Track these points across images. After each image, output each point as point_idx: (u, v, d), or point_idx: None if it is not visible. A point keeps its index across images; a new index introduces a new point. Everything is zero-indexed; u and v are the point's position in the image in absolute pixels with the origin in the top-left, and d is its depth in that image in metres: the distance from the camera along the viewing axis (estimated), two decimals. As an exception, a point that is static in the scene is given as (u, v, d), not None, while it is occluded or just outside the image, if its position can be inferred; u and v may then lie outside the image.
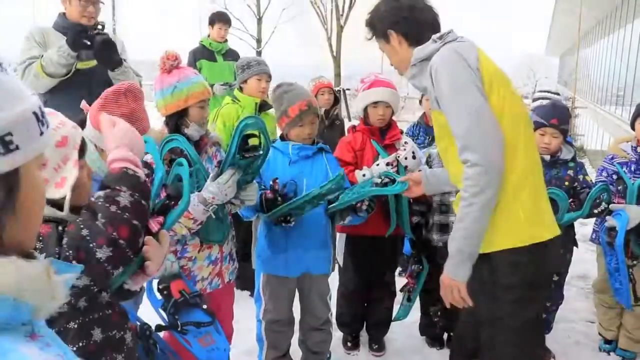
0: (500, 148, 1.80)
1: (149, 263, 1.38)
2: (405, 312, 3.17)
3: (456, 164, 1.89)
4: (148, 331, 1.71)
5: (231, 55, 5.13)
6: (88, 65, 3.20)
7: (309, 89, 4.08)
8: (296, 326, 2.92)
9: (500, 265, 1.91)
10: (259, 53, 24.81)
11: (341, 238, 3.15)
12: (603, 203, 2.80)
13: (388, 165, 2.78)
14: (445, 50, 1.90)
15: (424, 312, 3.35)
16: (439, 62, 1.88)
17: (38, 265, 0.69)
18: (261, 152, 2.16)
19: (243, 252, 3.30)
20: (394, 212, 2.88)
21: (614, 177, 3.06)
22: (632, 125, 3.14)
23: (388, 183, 2.55)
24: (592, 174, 3.33)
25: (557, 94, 3.98)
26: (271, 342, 2.82)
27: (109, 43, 3.12)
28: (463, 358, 2.26)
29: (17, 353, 0.62)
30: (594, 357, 3.30)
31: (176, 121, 2.27)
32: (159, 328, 1.79)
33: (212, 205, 2.11)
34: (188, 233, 2.16)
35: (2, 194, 0.69)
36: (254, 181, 2.30)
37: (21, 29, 3.31)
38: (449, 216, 2.97)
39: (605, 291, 3.22)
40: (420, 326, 3.42)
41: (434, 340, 3.36)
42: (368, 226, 2.78)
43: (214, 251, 2.35)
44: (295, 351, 2.97)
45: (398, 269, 3.90)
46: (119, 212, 1.24)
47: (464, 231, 1.86)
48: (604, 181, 3.06)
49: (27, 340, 0.66)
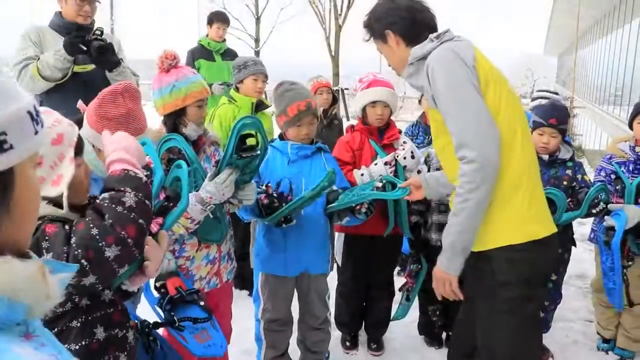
0: (496, 145, 1.81)
1: (148, 263, 1.38)
2: (404, 312, 3.17)
3: (453, 162, 1.90)
4: (147, 328, 1.71)
5: (230, 54, 5.13)
6: (85, 69, 3.18)
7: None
8: (295, 326, 2.92)
9: (497, 262, 1.92)
10: (257, 53, 24.79)
11: (340, 237, 3.15)
12: (601, 203, 2.80)
13: (386, 164, 2.78)
14: (441, 49, 1.91)
15: (423, 312, 3.35)
16: (436, 61, 1.89)
17: (32, 264, 0.68)
18: (259, 152, 2.15)
19: (241, 252, 3.30)
20: (393, 212, 2.88)
21: (612, 177, 3.06)
22: (630, 124, 3.15)
23: (387, 185, 2.56)
24: (591, 174, 3.34)
25: (556, 94, 3.98)
26: (270, 342, 2.81)
27: (105, 48, 3.08)
28: (461, 357, 2.26)
29: (11, 353, 0.62)
30: (592, 357, 3.30)
31: (174, 121, 2.27)
32: (156, 325, 1.79)
33: (210, 204, 2.11)
34: (186, 232, 2.16)
35: None
36: (252, 181, 2.29)
37: (18, 29, 3.28)
38: (448, 216, 2.96)
39: (603, 290, 3.22)
40: (418, 325, 3.42)
41: (433, 339, 3.36)
42: (366, 226, 2.78)
43: (212, 251, 2.34)
44: (293, 351, 2.97)
45: (397, 269, 3.89)
46: (126, 212, 1.25)
47: (458, 226, 1.89)
48: (602, 181, 3.06)
49: (22, 340, 0.66)
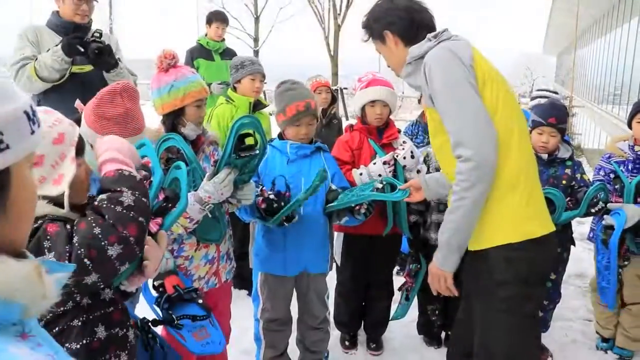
0: (493, 144, 1.82)
1: (148, 263, 1.39)
2: (403, 311, 3.17)
3: (451, 160, 1.90)
4: (147, 326, 1.71)
5: (229, 54, 5.12)
6: (83, 70, 3.16)
7: (307, 88, 4.07)
8: (294, 325, 2.92)
9: (494, 261, 1.92)
10: (257, 52, 24.78)
11: (339, 237, 3.15)
12: (600, 202, 2.80)
13: (385, 164, 2.78)
14: (438, 48, 1.92)
15: (422, 311, 3.35)
16: (433, 60, 1.89)
17: (28, 264, 0.68)
18: (257, 152, 2.15)
19: (240, 252, 3.30)
20: (391, 212, 2.88)
21: (611, 176, 3.06)
22: (629, 124, 3.15)
23: (386, 187, 2.56)
24: (590, 173, 3.34)
25: (556, 93, 3.99)
26: (269, 342, 2.81)
27: (103, 50, 3.06)
28: (461, 357, 2.25)
29: (7, 353, 0.61)
30: (592, 356, 3.30)
31: (173, 120, 2.26)
32: (154, 323, 1.79)
33: (208, 204, 2.11)
34: (184, 232, 2.16)
35: None
36: (251, 181, 2.29)
37: (18, 29, 3.26)
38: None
39: (602, 290, 3.22)
40: (418, 325, 3.42)
41: (432, 339, 3.36)
42: (366, 225, 2.77)
43: (211, 250, 2.34)
44: (293, 350, 2.97)
45: (396, 268, 3.89)
46: (125, 212, 1.25)
47: (454, 224, 1.90)
48: (602, 180, 3.06)
49: (18, 340, 0.66)
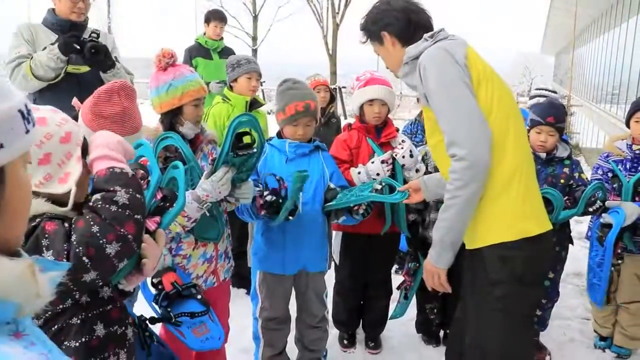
0: (486, 143, 1.82)
1: (146, 261, 1.39)
2: (402, 310, 3.17)
3: (446, 160, 1.91)
4: (144, 324, 1.71)
5: (227, 53, 5.11)
6: (79, 70, 3.14)
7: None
8: (292, 324, 2.92)
9: (489, 260, 1.92)
10: (255, 51, 24.77)
11: (337, 236, 3.15)
12: (598, 201, 2.80)
13: (383, 162, 2.78)
14: (433, 47, 1.92)
15: (420, 310, 3.35)
16: (427, 59, 1.90)
17: (22, 263, 0.68)
18: (255, 150, 2.15)
19: (238, 250, 3.30)
20: (390, 211, 2.88)
21: (610, 175, 3.06)
22: (627, 123, 3.15)
23: (385, 188, 2.56)
24: (588, 172, 3.34)
25: (554, 92, 3.99)
26: (267, 340, 2.81)
27: (99, 50, 3.05)
28: (459, 355, 2.25)
29: (0, 352, 0.61)
30: (590, 355, 3.31)
31: (171, 119, 2.26)
32: (152, 321, 1.79)
33: (206, 202, 2.10)
34: (182, 231, 2.16)
35: None
36: (249, 179, 2.29)
37: (13, 28, 3.25)
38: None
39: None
40: (416, 324, 3.42)
41: (430, 337, 3.36)
42: (364, 224, 2.77)
43: (209, 249, 2.34)
44: (291, 349, 2.97)
45: (395, 267, 3.90)
46: (121, 211, 1.25)
47: (447, 222, 1.91)
48: (600, 179, 3.06)
49: (11, 339, 0.66)
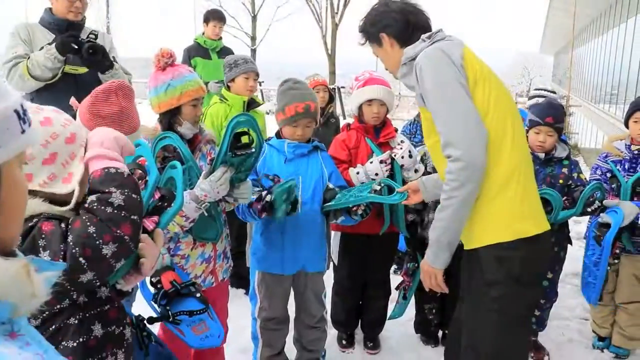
0: (482, 144, 1.82)
1: (144, 261, 1.38)
2: (400, 310, 3.17)
3: (443, 160, 1.91)
4: (142, 324, 1.71)
5: (226, 53, 5.10)
6: (77, 71, 3.13)
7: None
8: (291, 324, 2.92)
9: (486, 261, 1.92)
10: (254, 51, 24.76)
11: (336, 236, 3.15)
12: (596, 201, 2.80)
13: (382, 162, 2.78)
14: (430, 48, 1.93)
15: (419, 310, 3.35)
16: (424, 60, 1.90)
17: (17, 263, 0.67)
18: (253, 150, 2.14)
19: (237, 251, 3.30)
20: (388, 211, 2.88)
21: (608, 175, 3.06)
22: (626, 123, 3.15)
23: (384, 189, 2.57)
24: (587, 172, 3.34)
25: (554, 92, 3.99)
26: (266, 340, 2.81)
27: (97, 49, 3.03)
28: (457, 356, 2.25)
29: None
30: (588, 355, 3.31)
31: (169, 119, 2.26)
32: (151, 320, 1.79)
33: (205, 202, 2.10)
34: (181, 231, 2.15)
35: None
36: (248, 179, 2.29)
37: (10, 28, 3.24)
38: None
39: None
40: (415, 324, 3.42)
41: (429, 337, 3.36)
42: (363, 224, 2.77)
43: (207, 249, 2.34)
44: (290, 349, 2.97)
45: (393, 267, 3.89)
46: (116, 212, 1.24)
47: (443, 222, 1.91)
48: (598, 179, 3.06)
49: (6, 339, 0.65)
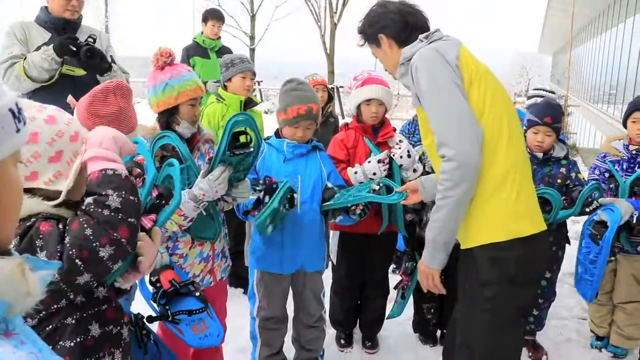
0: (476, 144, 1.82)
1: (142, 259, 1.38)
2: (399, 310, 3.17)
3: (439, 159, 1.91)
4: (141, 322, 1.71)
5: (224, 52, 5.10)
6: (74, 72, 3.12)
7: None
8: (290, 323, 2.92)
9: (480, 261, 1.92)
10: (253, 50, 24.75)
11: (334, 235, 3.15)
12: (595, 201, 2.80)
13: (379, 162, 2.79)
14: (425, 48, 1.93)
15: (417, 309, 3.35)
16: (419, 60, 1.91)
17: (11, 262, 0.67)
18: (252, 149, 2.14)
19: (235, 250, 3.29)
20: (387, 210, 2.89)
21: (606, 175, 3.07)
22: (624, 123, 3.16)
23: (382, 188, 2.57)
24: (585, 172, 3.34)
25: (552, 93, 4.00)
26: (265, 340, 2.81)
27: (95, 52, 3.03)
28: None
29: None
30: (586, 354, 3.31)
31: (167, 118, 2.25)
32: (150, 319, 1.78)
33: (203, 202, 2.10)
34: (179, 230, 2.15)
35: None
36: (246, 179, 2.29)
37: (5, 27, 3.22)
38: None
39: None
40: (413, 323, 3.42)
41: (427, 337, 3.36)
42: (361, 224, 2.78)
43: (206, 248, 2.34)
44: (288, 348, 2.97)
45: (392, 266, 3.90)
46: (113, 215, 1.24)
47: (439, 222, 1.91)
48: (597, 179, 3.07)
49: (1, 338, 0.65)
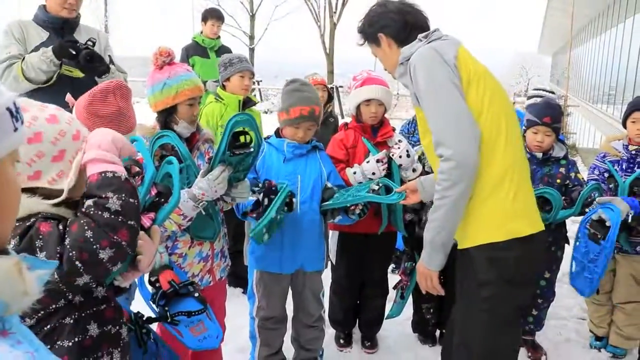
0: (474, 143, 1.82)
1: (141, 257, 1.38)
2: (398, 310, 3.17)
3: (437, 159, 1.90)
4: (141, 320, 1.70)
5: (224, 51, 5.10)
6: (72, 73, 3.10)
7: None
8: (289, 323, 2.92)
9: (478, 261, 1.92)
10: (252, 50, 24.75)
11: (334, 235, 3.15)
12: (594, 202, 2.80)
13: (378, 162, 2.78)
14: (424, 48, 1.93)
15: (417, 309, 3.35)
16: (417, 60, 1.91)
17: (8, 261, 0.67)
18: (252, 150, 2.14)
19: (234, 250, 3.29)
20: (386, 210, 2.88)
21: (606, 175, 3.07)
22: (624, 123, 3.16)
23: (382, 188, 2.57)
24: (584, 172, 3.34)
25: (552, 93, 4.00)
26: (264, 340, 2.81)
27: (94, 57, 3.02)
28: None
29: None
30: (585, 354, 3.32)
31: (165, 118, 2.25)
32: (149, 320, 1.78)
33: (202, 201, 2.10)
34: (178, 229, 2.15)
35: None
36: (246, 179, 2.29)
37: (3, 26, 3.21)
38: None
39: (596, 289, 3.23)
40: (412, 323, 3.42)
41: (427, 337, 3.36)
42: (361, 224, 2.78)
43: (205, 248, 2.33)
44: (287, 348, 2.97)
45: (391, 266, 3.90)
46: (114, 217, 1.24)
47: (437, 222, 1.90)
48: (596, 179, 3.07)
49: None
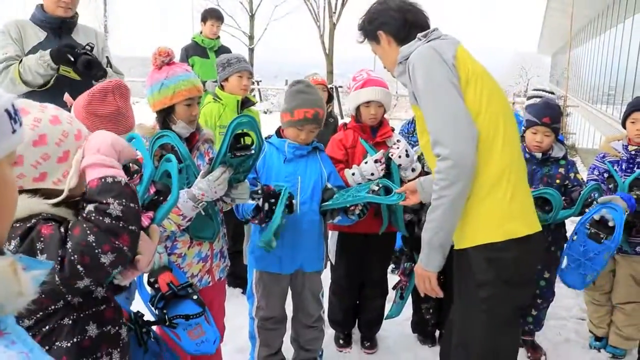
0: (471, 143, 1.82)
1: (140, 257, 1.38)
2: (397, 310, 3.17)
3: (435, 159, 1.90)
4: (140, 320, 1.70)
5: (223, 52, 5.09)
6: (69, 74, 3.07)
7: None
8: (288, 324, 2.92)
9: (476, 262, 1.92)
10: (252, 50, 24.75)
11: (333, 235, 3.15)
12: (594, 202, 2.80)
13: (376, 162, 2.78)
14: (423, 47, 1.93)
15: (416, 310, 3.35)
16: (416, 59, 1.91)
17: (3, 261, 0.67)
18: (253, 152, 2.14)
19: (233, 250, 3.29)
20: (387, 211, 2.88)
21: (605, 175, 3.07)
22: (623, 123, 3.16)
23: (381, 189, 2.57)
24: (584, 172, 3.34)
25: (552, 93, 4.00)
26: (263, 340, 2.81)
27: (93, 63, 3.01)
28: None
29: None
30: (585, 355, 3.32)
31: (164, 118, 2.25)
32: (148, 324, 1.78)
33: (202, 201, 2.10)
34: (177, 229, 2.15)
35: None
36: (246, 180, 2.29)
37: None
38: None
39: (596, 288, 3.24)
40: (412, 323, 3.42)
41: (426, 337, 3.36)
42: (360, 224, 2.78)
43: (204, 248, 2.33)
44: (287, 349, 2.97)
45: (391, 267, 3.90)
46: (115, 223, 1.24)
47: (434, 222, 1.89)
48: (596, 180, 3.07)
49: None
